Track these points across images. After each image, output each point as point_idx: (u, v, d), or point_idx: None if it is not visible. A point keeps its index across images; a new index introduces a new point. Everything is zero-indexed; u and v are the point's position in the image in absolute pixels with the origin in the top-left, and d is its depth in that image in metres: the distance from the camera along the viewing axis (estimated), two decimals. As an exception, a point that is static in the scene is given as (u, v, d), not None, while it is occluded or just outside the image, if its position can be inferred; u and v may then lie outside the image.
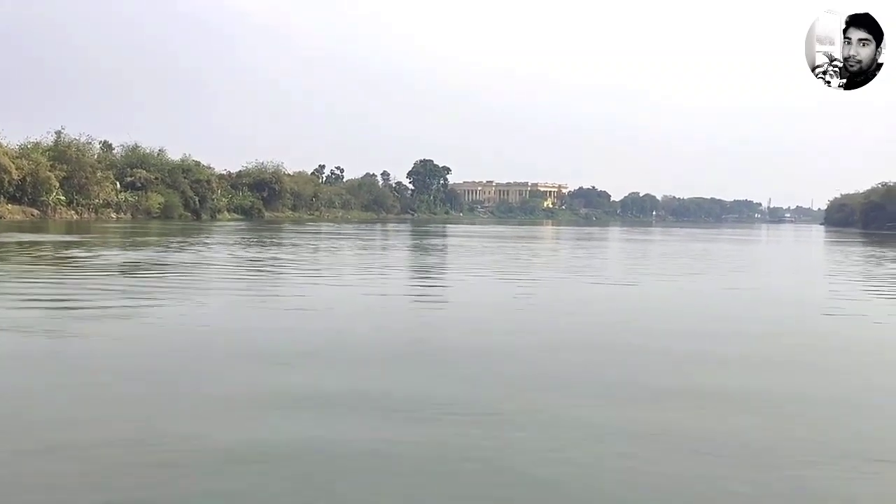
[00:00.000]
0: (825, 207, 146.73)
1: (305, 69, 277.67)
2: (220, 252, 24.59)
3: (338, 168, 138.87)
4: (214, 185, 76.28)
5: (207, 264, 19.80)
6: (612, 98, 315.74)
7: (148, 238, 33.49)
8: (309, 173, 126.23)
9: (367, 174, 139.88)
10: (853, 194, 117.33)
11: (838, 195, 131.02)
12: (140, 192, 66.62)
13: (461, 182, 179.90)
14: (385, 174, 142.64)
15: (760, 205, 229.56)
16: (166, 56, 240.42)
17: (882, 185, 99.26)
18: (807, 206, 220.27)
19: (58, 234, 34.05)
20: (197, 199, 72.62)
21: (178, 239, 32.46)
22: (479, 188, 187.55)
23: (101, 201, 61.49)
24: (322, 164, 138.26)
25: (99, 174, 61.53)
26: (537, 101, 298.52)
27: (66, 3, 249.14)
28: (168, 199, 67.63)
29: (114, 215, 62.51)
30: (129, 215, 64.22)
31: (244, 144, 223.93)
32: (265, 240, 34.20)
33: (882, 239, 57.65)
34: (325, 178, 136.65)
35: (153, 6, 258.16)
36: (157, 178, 68.16)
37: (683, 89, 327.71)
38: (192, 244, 28.58)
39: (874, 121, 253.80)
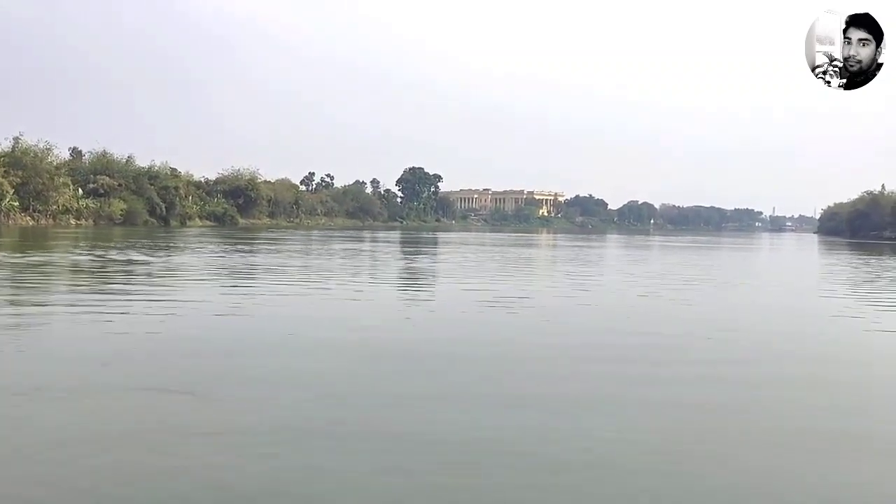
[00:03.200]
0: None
1: (303, 73, 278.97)
2: (84, 255, 24.20)
3: (328, 175, 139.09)
4: (183, 191, 76.24)
5: (46, 265, 19.39)
6: (611, 102, 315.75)
7: (59, 242, 33.22)
8: (298, 181, 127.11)
9: (357, 181, 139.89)
10: (843, 203, 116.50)
11: (832, 204, 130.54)
12: (102, 199, 66.74)
13: (457, 190, 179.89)
14: (375, 181, 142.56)
15: (762, 213, 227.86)
16: (164, 59, 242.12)
17: (867, 194, 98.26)
18: (809, 215, 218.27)
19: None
20: (164, 205, 72.68)
21: (84, 243, 32.18)
22: (476, 196, 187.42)
23: (59, 207, 61.55)
24: (312, 171, 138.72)
25: (58, 180, 61.53)
26: (536, 104, 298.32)
27: (64, 7, 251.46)
28: (131, 206, 67.66)
29: (73, 221, 62.59)
30: (90, 221, 64.36)
31: (243, 150, 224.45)
32: (174, 245, 33.82)
33: (845, 247, 56.67)
34: (314, 186, 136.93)
35: (153, 10, 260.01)
36: (120, 185, 68.30)
37: (683, 90, 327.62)
38: (82, 247, 28.25)
39: (880, 125, 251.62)
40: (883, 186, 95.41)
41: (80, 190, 65.94)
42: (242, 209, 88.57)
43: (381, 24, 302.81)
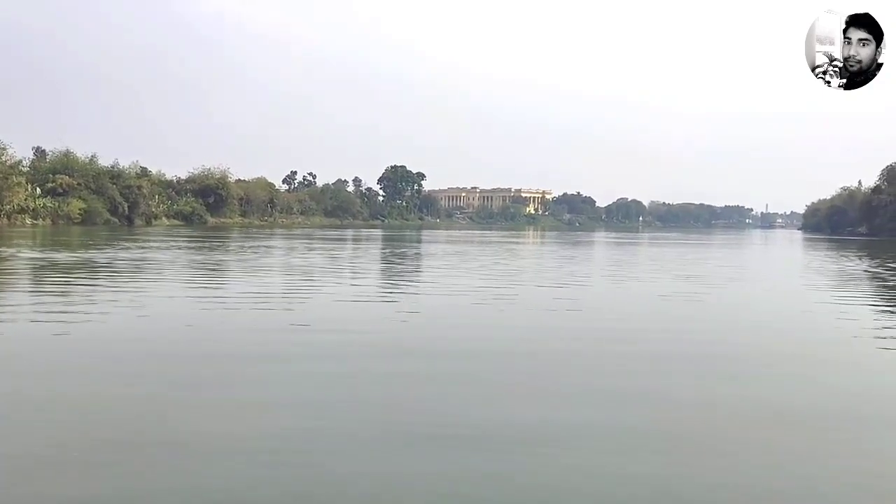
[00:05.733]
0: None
1: (299, 74, 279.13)
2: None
3: (310, 174, 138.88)
4: (147, 190, 75.63)
5: None
6: (600, 100, 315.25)
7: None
8: (282, 179, 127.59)
9: (339, 180, 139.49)
10: (824, 200, 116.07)
11: (815, 200, 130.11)
12: (61, 198, 66.20)
13: (444, 188, 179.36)
14: (357, 180, 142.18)
15: (752, 210, 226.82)
16: (162, 60, 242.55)
17: (844, 190, 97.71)
18: (801, 212, 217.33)
19: None
20: (127, 204, 72.07)
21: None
22: (463, 194, 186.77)
23: (13, 207, 60.96)
24: (294, 170, 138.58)
25: (12, 179, 60.89)
26: (525, 103, 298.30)
27: (64, 11, 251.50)
28: (90, 205, 67.04)
29: (30, 221, 61.98)
30: (48, 221, 63.75)
31: (237, 150, 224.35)
32: (97, 244, 33.30)
33: (801, 242, 56.00)
34: (296, 184, 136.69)
35: (152, 13, 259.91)
36: (79, 184, 67.73)
37: (673, 90, 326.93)
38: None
39: (871, 124, 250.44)
40: (860, 182, 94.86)
41: (37, 189, 65.44)
42: (213, 208, 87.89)
43: (372, 24, 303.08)
